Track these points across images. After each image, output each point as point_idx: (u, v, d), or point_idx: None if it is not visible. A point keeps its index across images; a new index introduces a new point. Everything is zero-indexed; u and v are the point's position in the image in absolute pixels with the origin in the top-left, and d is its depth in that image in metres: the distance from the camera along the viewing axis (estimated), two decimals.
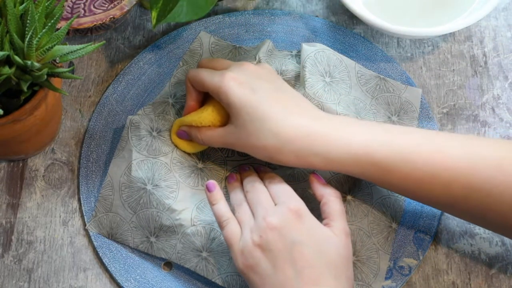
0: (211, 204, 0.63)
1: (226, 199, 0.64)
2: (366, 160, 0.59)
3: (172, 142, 0.69)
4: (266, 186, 0.63)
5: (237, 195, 0.64)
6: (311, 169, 0.62)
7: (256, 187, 0.63)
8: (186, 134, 0.67)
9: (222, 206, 0.62)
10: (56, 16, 0.58)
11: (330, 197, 0.62)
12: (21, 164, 0.72)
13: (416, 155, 0.59)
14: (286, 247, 0.57)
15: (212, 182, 0.63)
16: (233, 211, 0.62)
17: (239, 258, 0.58)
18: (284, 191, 0.62)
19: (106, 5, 0.75)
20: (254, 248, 0.57)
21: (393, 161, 0.59)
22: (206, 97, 0.68)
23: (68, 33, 0.74)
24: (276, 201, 0.61)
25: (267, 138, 0.60)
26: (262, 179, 0.65)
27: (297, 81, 0.70)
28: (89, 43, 0.60)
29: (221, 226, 0.61)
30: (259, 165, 0.69)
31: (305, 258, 0.56)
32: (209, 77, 0.65)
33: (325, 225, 0.60)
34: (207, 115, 0.66)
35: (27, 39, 0.56)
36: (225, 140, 0.64)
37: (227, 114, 0.65)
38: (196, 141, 0.67)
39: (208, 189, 0.63)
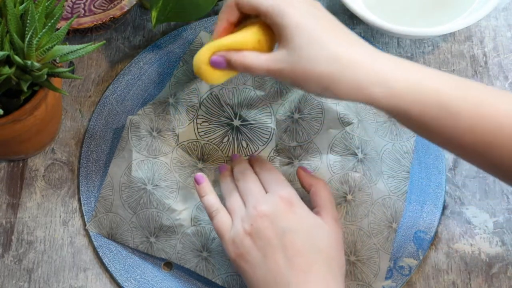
0: (200, 196, 0.62)
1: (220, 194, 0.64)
2: (433, 98, 0.53)
3: (197, 73, 0.59)
4: (256, 173, 0.63)
5: (227, 185, 0.63)
6: (366, 103, 0.55)
7: (246, 176, 0.62)
8: (224, 61, 0.57)
9: (211, 198, 0.61)
10: (56, 16, 0.58)
11: (318, 186, 0.62)
12: (21, 164, 0.72)
13: (488, 104, 0.53)
14: (277, 235, 0.57)
15: (200, 175, 0.63)
16: (224, 201, 0.62)
17: (230, 247, 0.58)
18: (275, 179, 0.61)
19: (106, 5, 0.75)
20: (245, 237, 0.57)
21: (463, 107, 0.53)
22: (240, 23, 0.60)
23: (68, 33, 0.74)
24: (267, 189, 0.61)
25: (326, 63, 0.53)
26: (252, 165, 0.64)
27: None
28: (89, 43, 0.60)
29: (210, 216, 0.61)
30: (251, 155, 0.68)
31: (296, 246, 0.56)
32: None
33: (315, 213, 0.60)
34: (253, 34, 0.57)
35: (27, 39, 0.56)
36: (274, 65, 0.56)
37: (273, 39, 0.58)
38: (235, 66, 0.57)
39: (197, 182, 0.63)
